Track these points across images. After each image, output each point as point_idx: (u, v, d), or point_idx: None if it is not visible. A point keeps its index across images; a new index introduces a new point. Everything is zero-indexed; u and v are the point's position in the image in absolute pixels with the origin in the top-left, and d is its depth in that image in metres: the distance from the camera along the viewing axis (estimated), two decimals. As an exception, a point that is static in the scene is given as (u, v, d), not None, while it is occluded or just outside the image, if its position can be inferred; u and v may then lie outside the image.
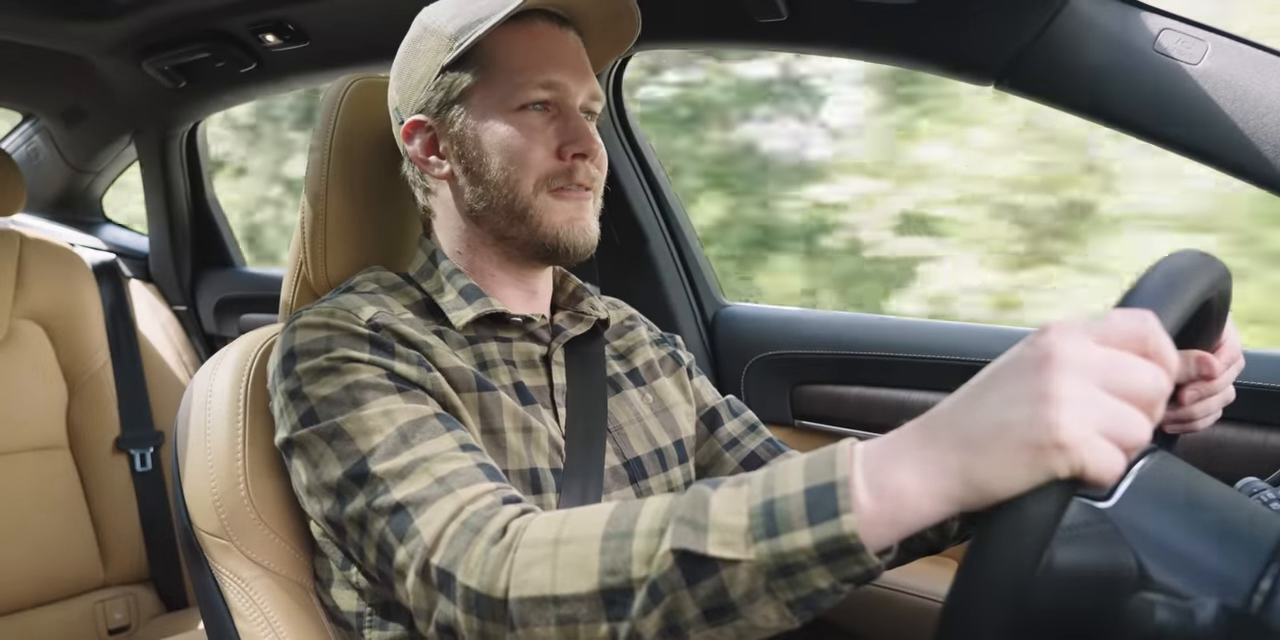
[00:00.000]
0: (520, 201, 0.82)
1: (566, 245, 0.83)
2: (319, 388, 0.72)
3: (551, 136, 0.81)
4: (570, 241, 0.83)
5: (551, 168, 0.81)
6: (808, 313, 1.50)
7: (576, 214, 0.83)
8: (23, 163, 2.18)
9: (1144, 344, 0.45)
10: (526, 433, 0.79)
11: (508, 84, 0.81)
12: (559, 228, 0.82)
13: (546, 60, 0.81)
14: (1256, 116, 0.86)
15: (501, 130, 0.81)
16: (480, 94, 0.82)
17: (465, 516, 0.64)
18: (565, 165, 0.81)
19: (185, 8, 1.50)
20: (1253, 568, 0.50)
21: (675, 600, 0.54)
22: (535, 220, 0.82)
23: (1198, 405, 0.71)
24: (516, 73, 0.81)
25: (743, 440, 0.98)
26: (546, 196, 0.82)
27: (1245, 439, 1.03)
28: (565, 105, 0.82)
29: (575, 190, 0.82)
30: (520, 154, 0.80)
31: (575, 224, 0.83)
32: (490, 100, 0.81)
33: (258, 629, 0.82)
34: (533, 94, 0.80)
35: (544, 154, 0.81)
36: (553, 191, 0.82)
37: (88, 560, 1.68)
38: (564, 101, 0.82)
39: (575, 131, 0.81)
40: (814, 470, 0.51)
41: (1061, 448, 0.43)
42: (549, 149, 0.81)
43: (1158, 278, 0.51)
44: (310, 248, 0.91)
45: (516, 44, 0.81)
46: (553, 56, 0.82)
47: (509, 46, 0.81)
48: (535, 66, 0.81)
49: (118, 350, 1.79)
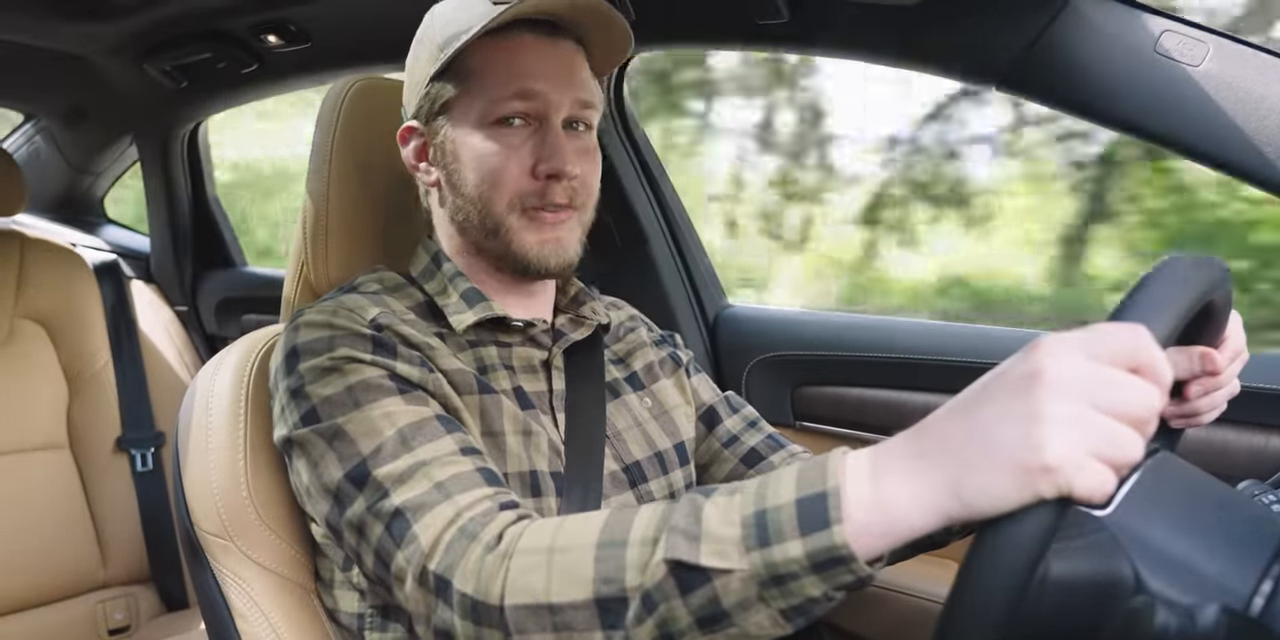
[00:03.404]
0: (492, 219, 0.81)
1: (539, 266, 0.82)
2: (321, 387, 0.72)
3: (526, 155, 0.79)
4: (542, 262, 0.82)
5: (524, 187, 0.80)
6: (809, 314, 1.50)
7: (551, 235, 0.82)
8: (24, 163, 2.18)
9: (1136, 359, 0.45)
10: (526, 436, 0.79)
11: (484, 98, 0.79)
12: (529, 248, 0.81)
13: (522, 72, 0.79)
14: (1258, 119, 0.86)
15: (478, 146, 0.80)
16: (461, 107, 0.81)
17: (462, 523, 0.64)
18: (539, 186, 0.80)
19: (187, 8, 1.50)
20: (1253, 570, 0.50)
21: (669, 609, 0.54)
22: (507, 239, 0.81)
23: (1203, 400, 0.70)
24: (494, 86, 0.79)
25: (742, 436, 0.97)
26: (519, 216, 0.81)
27: (1246, 441, 1.03)
28: (545, 119, 0.80)
29: (550, 211, 0.81)
30: (493, 173, 0.79)
31: (547, 245, 0.82)
32: (469, 114, 0.80)
33: (258, 629, 0.83)
34: (507, 107, 0.79)
35: (518, 173, 0.79)
36: (526, 211, 0.81)
37: (88, 560, 1.68)
38: (543, 113, 0.80)
39: (550, 149, 0.79)
40: (805, 480, 0.52)
41: (1049, 470, 0.42)
42: (523, 168, 0.79)
43: (1151, 288, 0.50)
44: (311, 248, 0.91)
45: (496, 56, 0.79)
46: (530, 68, 0.79)
47: (488, 58, 0.79)
48: (509, 79, 0.79)
49: (119, 350, 1.79)
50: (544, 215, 0.81)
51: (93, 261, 1.86)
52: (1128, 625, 0.50)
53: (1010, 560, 0.43)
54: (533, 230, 0.81)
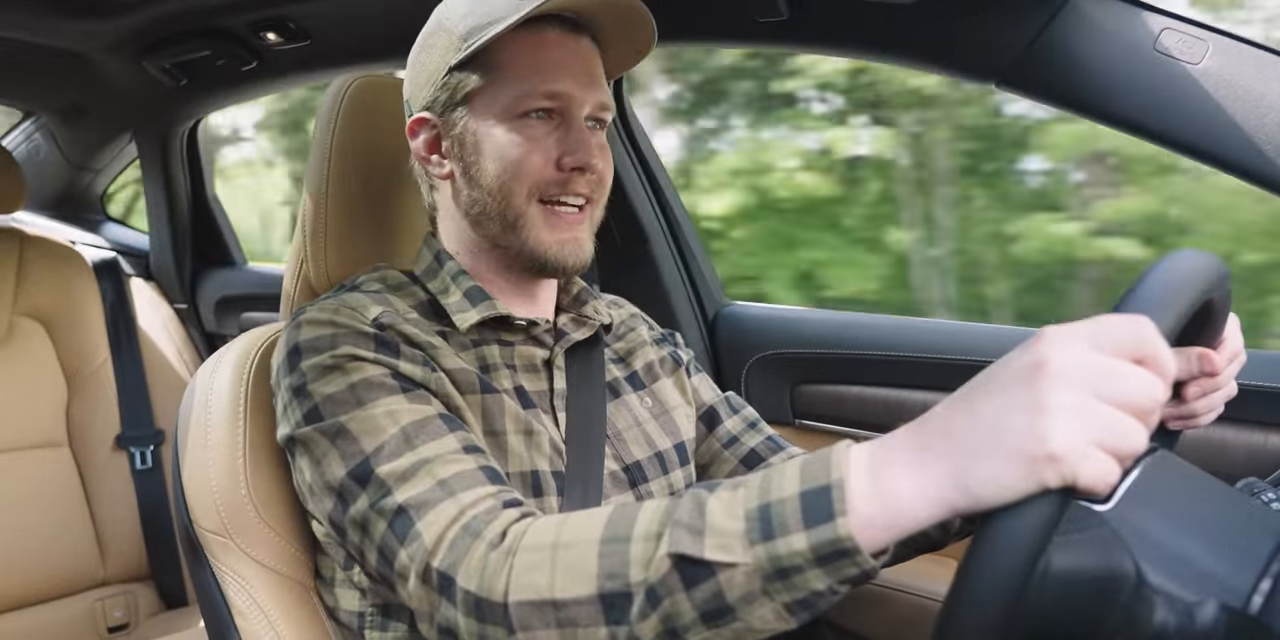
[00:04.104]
0: (512, 210, 0.81)
1: (557, 264, 0.82)
2: (323, 385, 0.72)
3: (551, 146, 0.80)
4: (560, 261, 0.82)
5: (547, 177, 0.80)
6: (808, 312, 1.50)
7: (569, 235, 0.82)
8: (23, 160, 2.18)
9: (1140, 350, 0.45)
10: (528, 435, 0.79)
11: (512, 91, 0.79)
12: (549, 246, 0.82)
13: (553, 69, 0.79)
14: (1258, 116, 0.86)
15: (501, 137, 0.80)
16: (484, 98, 0.81)
17: (466, 520, 0.64)
18: (562, 176, 0.80)
19: (186, 6, 1.50)
20: (1253, 568, 0.50)
21: (673, 604, 0.54)
22: (525, 232, 0.81)
23: (1201, 401, 0.71)
24: (522, 80, 0.79)
25: (742, 438, 0.97)
26: (539, 207, 0.81)
27: (1246, 440, 1.03)
28: (569, 115, 0.81)
29: (569, 205, 0.81)
30: (517, 162, 0.79)
31: (566, 245, 0.82)
32: (494, 105, 0.80)
33: (258, 627, 0.83)
34: (536, 103, 0.79)
35: (541, 163, 0.80)
36: (545, 203, 0.81)
37: (87, 558, 1.68)
38: (568, 111, 0.81)
39: (576, 142, 0.80)
40: (809, 473, 0.52)
41: (1054, 459, 0.42)
42: (547, 158, 0.80)
43: (1155, 281, 0.51)
44: (311, 246, 0.91)
45: (525, 51, 0.80)
46: (560, 65, 0.80)
47: (517, 52, 0.80)
48: (541, 75, 0.79)
49: (118, 348, 1.79)
50: (562, 212, 0.81)
51: (92, 259, 1.86)
52: (1128, 621, 0.50)
53: (1012, 554, 0.43)
54: (550, 229, 0.81)
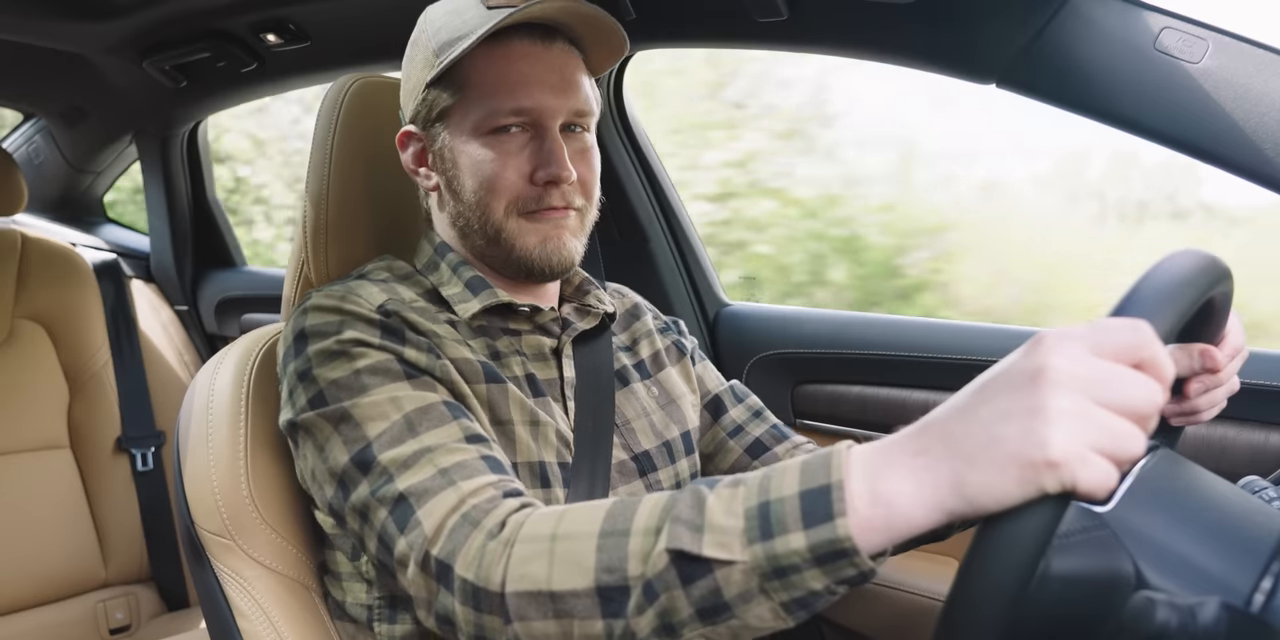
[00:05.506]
0: (492, 225, 0.81)
1: (542, 266, 0.83)
2: (328, 371, 0.73)
3: (524, 161, 0.80)
4: (545, 261, 0.82)
5: (522, 192, 0.80)
6: (809, 312, 1.50)
7: (551, 233, 0.82)
8: (24, 163, 2.18)
9: (1138, 355, 0.45)
10: (534, 426, 0.79)
11: (480, 109, 0.79)
12: (533, 249, 0.82)
13: (521, 84, 0.79)
14: (1258, 115, 0.86)
15: (476, 153, 0.80)
16: (457, 115, 0.81)
17: (465, 509, 0.64)
18: (537, 190, 0.80)
19: (186, 7, 1.50)
20: (1254, 567, 0.50)
21: (670, 599, 0.54)
22: (509, 243, 0.82)
23: (1203, 398, 0.71)
24: (488, 98, 0.79)
25: (747, 427, 0.98)
26: (519, 220, 0.81)
27: (1247, 438, 1.03)
28: (541, 127, 0.80)
29: (549, 212, 0.81)
30: (491, 178, 0.80)
31: (549, 244, 0.82)
32: (466, 122, 0.80)
33: (260, 628, 0.83)
34: (503, 120, 0.79)
35: (515, 178, 0.80)
36: (525, 214, 0.81)
37: (89, 560, 1.68)
38: (540, 123, 0.80)
39: (548, 155, 0.79)
40: (809, 473, 0.52)
41: (1052, 464, 0.43)
42: (520, 173, 0.80)
43: (1153, 284, 0.50)
44: (311, 246, 0.91)
45: (492, 67, 0.79)
46: (527, 80, 0.79)
47: (486, 69, 0.79)
48: (507, 92, 0.79)
49: (119, 350, 1.79)
50: (542, 214, 0.81)
51: (92, 261, 1.86)
52: (1129, 622, 0.50)
53: (1012, 556, 0.43)
54: (533, 232, 0.82)
